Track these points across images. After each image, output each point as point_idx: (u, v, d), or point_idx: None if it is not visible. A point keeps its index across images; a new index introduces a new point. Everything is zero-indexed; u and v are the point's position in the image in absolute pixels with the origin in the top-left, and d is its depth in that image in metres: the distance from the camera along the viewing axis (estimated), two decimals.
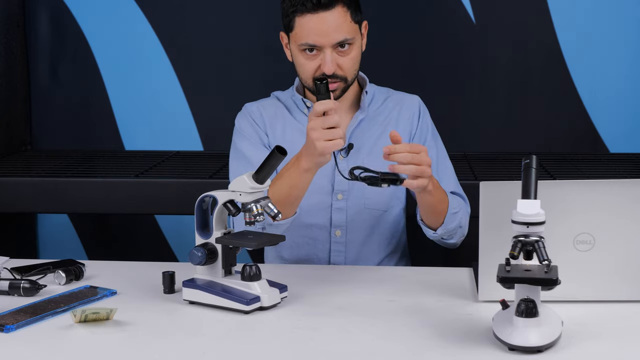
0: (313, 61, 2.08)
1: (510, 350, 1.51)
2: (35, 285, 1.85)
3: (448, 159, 2.27)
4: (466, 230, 2.16)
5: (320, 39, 2.05)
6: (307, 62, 2.09)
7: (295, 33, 2.08)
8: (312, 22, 2.04)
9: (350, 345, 1.56)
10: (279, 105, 2.27)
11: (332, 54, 2.06)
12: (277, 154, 1.74)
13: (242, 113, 2.28)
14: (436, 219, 2.07)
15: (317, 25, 2.04)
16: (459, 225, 2.11)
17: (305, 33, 2.06)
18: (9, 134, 3.45)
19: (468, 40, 3.42)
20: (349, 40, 2.07)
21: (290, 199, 2.01)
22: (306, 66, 2.10)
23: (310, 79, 2.11)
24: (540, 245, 1.52)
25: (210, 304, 1.76)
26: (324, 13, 2.03)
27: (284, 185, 1.98)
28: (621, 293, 1.77)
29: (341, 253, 2.20)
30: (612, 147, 3.43)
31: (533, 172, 1.58)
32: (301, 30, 2.06)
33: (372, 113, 2.23)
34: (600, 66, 3.39)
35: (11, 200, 2.91)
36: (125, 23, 3.51)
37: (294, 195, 2.00)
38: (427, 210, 2.06)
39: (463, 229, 2.14)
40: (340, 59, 2.08)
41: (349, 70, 2.10)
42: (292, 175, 1.97)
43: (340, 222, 2.19)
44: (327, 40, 2.05)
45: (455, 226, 2.10)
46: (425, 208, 2.05)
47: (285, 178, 1.99)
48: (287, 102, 2.27)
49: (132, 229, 3.60)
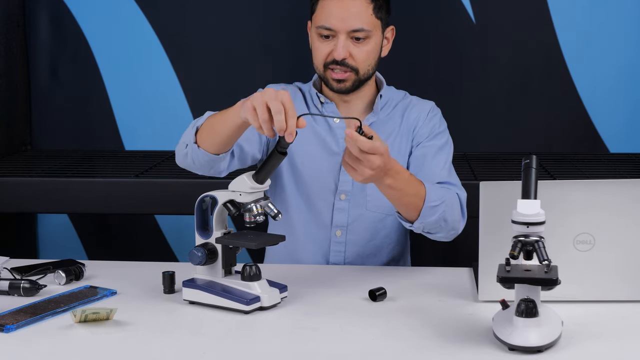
0: (327, 46, 2.10)
1: (510, 350, 1.51)
2: (35, 285, 1.85)
3: (446, 153, 2.18)
4: (458, 225, 2.06)
5: (337, 23, 2.06)
6: (320, 46, 2.11)
7: (316, 15, 2.11)
8: (332, 5, 2.07)
9: (350, 345, 1.56)
10: (299, 95, 2.26)
11: (346, 40, 2.07)
12: (277, 154, 1.74)
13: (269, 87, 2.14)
14: (409, 212, 1.99)
15: (337, 9, 2.06)
16: (442, 218, 2.00)
17: (324, 16, 2.08)
18: (9, 134, 3.45)
19: (468, 40, 3.42)
20: (366, 31, 2.07)
21: (212, 131, 1.95)
22: (319, 50, 2.11)
23: (321, 64, 2.12)
24: (540, 245, 1.52)
25: (210, 304, 1.76)
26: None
27: (217, 115, 1.94)
28: (621, 293, 1.77)
29: (340, 253, 2.20)
30: (612, 147, 3.43)
31: (533, 172, 1.58)
32: (321, 13, 2.09)
33: (383, 117, 2.21)
34: (600, 66, 3.39)
35: (11, 200, 2.91)
36: (125, 23, 3.51)
37: (216, 130, 1.94)
38: (395, 204, 1.99)
39: (449, 223, 2.03)
40: (354, 49, 2.08)
41: (361, 62, 2.10)
42: (227, 112, 1.90)
43: (341, 222, 2.19)
44: (343, 25, 2.06)
45: (437, 219, 2.00)
46: (391, 201, 1.98)
47: (222, 111, 1.93)
48: (306, 93, 2.26)
49: (132, 229, 3.60)
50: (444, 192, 2.04)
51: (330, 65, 2.11)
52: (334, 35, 2.08)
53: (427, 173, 2.12)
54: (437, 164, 2.16)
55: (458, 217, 2.07)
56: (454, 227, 2.05)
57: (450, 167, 2.18)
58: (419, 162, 2.17)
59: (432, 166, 2.15)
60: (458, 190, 2.12)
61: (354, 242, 2.20)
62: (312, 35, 2.15)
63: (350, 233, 2.19)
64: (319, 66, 2.14)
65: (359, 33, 2.07)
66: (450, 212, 2.03)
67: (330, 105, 2.20)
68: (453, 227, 2.05)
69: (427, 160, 2.16)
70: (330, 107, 2.20)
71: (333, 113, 2.20)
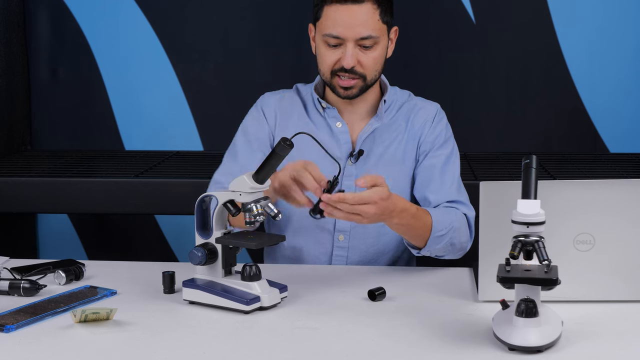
0: (334, 53, 2.07)
1: (510, 350, 1.51)
2: (35, 285, 1.85)
3: (454, 165, 2.19)
4: (466, 245, 2.08)
5: (345, 31, 2.03)
6: (328, 53, 2.08)
7: (322, 22, 2.07)
8: (339, 13, 2.03)
9: (350, 345, 1.56)
10: (297, 101, 2.24)
11: (354, 48, 2.05)
12: (277, 155, 1.74)
13: (256, 105, 2.26)
14: (417, 241, 2.02)
15: (344, 17, 2.03)
16: (449, 244, 2.03)
17: (331, 23, 2.04)
18: (9, 134, 3.45)
19: (468, 40, 3.42)
20: (374, 38, 2.05)
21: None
22: (326, 57, 2.08)
23: (328, 71, 2.09)
24: (540, 245, 1.52)
25: (210, 304, 1.76)
26: (352, 6, 2.02)
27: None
28: (621, 293, 1.77)
29: (343, 258, 2.18)
30: (612, 147, 3.43)
31: (533, 172, 1.58)
32: (327, 20, 2.05)
33: (387, 121, 2.20)
34: (600, 66, 3.39)
35: (11, 200, 2.91)
36: (125, 23, 3.51)
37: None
38: (403, 236, 2.03)
39: (456, 245, 2.05)
40: (362, 56, 2.06)
41: (369, 68, 2.08)
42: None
43: (344, 227, 2.18)
44: (351, 33, 2.03)
45: (444, 246, 2.02)
46: (400, 234, 2.02)
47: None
48: (307, 97, 2.24)
49: (132, 229, 3.60)
50: (451, 218, 2.05)
51: (338, 72, 2.08)
52: (341, 43, 2.05)
53: (435, 190, 2.13)
54: (446, 179, 2.15)
55: (466, 238, 2.08)
56: (461, 248, 2.08)
57: (459, 183, 2.18)
58: (427, 175, 2.16)
59: (441, 182, 2.14)
60: (466, 210, 2.12)
61: (356, 247, 2.18)
62: (317, 42, 2.11)
63: (353, 238, 2.18)
64: (325, 73, 2.11)
65: (367, 41, 2.04)
66: (457, 236, 2.05)
67: (332, 110, 2.19)
68: (461, 248, 2.08)
69: (435, 174, 2.15)
70: (332, 112, 2.19)
71: (335, 118, 2.18)
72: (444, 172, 2.16)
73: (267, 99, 2.26)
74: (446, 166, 2.17)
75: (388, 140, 2.19)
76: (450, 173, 2.17)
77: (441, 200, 2.12)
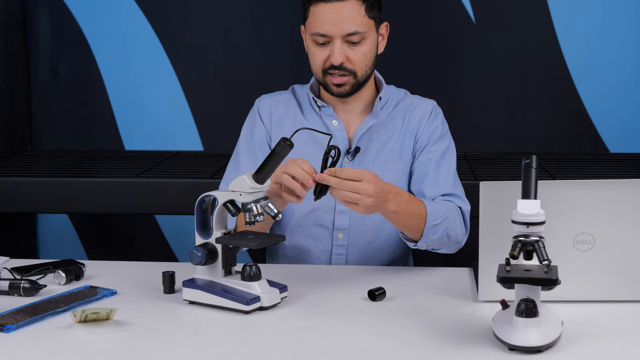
0: (323, 52, 2.09)
1: (510, 350, 1.51)
2: (35, 285, 1.85)
3: (449, 159, 2.19)
4: (462, 239, 2.09)
5: (331, 28, 2.05)
6: (317, 52, 2.10)
7: (309, 22, 2.10)
8: (324, 11, 2.06)
9: (350, 345, 1.56)
10: (292, 102, 2.26)
11: (342, 45, 2.07)
12: (276, 155, 1.74)
13: (253, 109, 2.28)
14: (412, 233, 2.03)
15: (329, 14, 2.05)
16: (444, 235, 2.03)
17: (317, 22, 2.07)
18: (9, 134, 3.45)
19: (468, 40, 3.42)
20: (361, 34, 2.07)
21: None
22: (316, 56, 2.11)
23: (320, 70, 2.12)
24: (540, 245, 1.52)
25: (210, 304, 1.76)
26: (337, 3, 2.05)
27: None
28: (621, 293, 1.77)
29: (342, 256, 2.19)
30: (612, 147, 3.43)
31: (533, 172, 1.58)
32: (314, 20, 2.08)
33: (383, 118, 2.21)
34: (600, 66, 3.39)
35: (11, 200, 2.91)
36: (125, 23, 3.51)
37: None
38: (399, 227, 2.03)
39: (452, 238, 2.06)
40: (350, 52, 2.08)
41: (358, 64, 2.10)
42: None
43: (343, 225, 2.18)
44: (337, 30, 2.05)
45: (439, 237, 2.03)
46: (396, 225, 2.02)
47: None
48: (302, 97, 2.26)
49: (132, 229, 3.60)
50: (446, 208, 2.06)
51: (329, 70, 2.10)
52: (329, 41, 2.08)
53: (431, 183, 2.14)
54: (441, 173, 2.16)
55: (461, 231, 2.09)
56: (457, 241, 2.08)
57: (455, 176, 2.19)
58: (423, 169, 2.17)
59: (437, 176, 2.15)
60: (461, 203, 2.13)
61: (355, 245, 2.19)
62: (307, 42, 2.14)
63: (352, 236, 2.19)
64: (317, 72, 2.14)
65: (354, 37, 2.07)
66: (452, 227, 2.05)
67: (328, 108, 2.20)
68: (457, 241, 2.08)
69: (431, 168, 2.16)
70: (328, 110, 2.20)
71: (331, 116, 2.20)
72: (439, 166, 2.17)
73: (263, 101, 2.28)
74: (442, 161, 2.18)
75: (385, 137, 2.20)
76: (445, 167, 2.18)
77: (437, 193, 2.13)
